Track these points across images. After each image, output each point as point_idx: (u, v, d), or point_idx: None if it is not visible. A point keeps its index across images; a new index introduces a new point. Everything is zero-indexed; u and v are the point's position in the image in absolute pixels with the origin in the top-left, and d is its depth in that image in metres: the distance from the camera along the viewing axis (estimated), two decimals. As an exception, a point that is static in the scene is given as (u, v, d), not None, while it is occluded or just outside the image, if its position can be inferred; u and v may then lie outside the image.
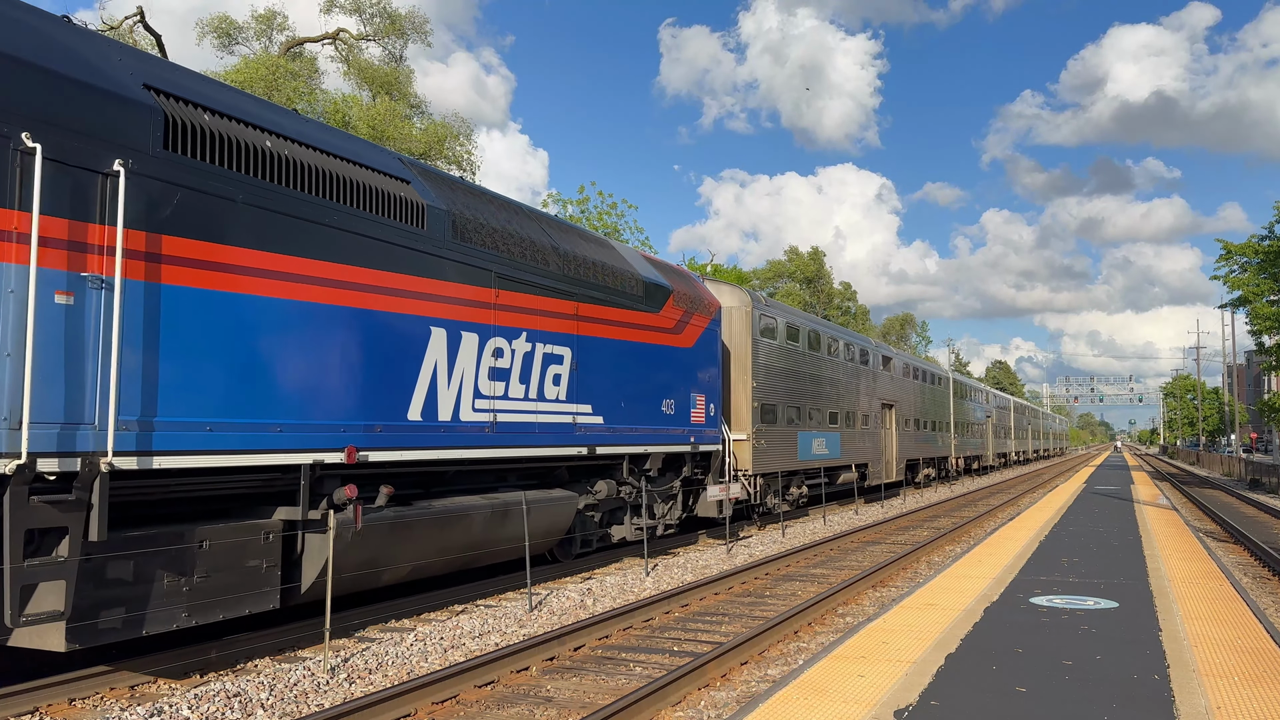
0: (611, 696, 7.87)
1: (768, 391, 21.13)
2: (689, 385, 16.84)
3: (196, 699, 7.53)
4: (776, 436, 21.42)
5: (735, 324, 20.35)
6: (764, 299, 22.34)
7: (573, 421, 13.32)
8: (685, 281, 17.67)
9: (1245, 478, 47.70)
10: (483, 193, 12.95)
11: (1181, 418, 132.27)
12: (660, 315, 15.91)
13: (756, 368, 20.50)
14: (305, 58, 37.93)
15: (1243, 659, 7.61)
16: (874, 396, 30.45)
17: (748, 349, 20.41)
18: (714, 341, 18.15)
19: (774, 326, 21.93)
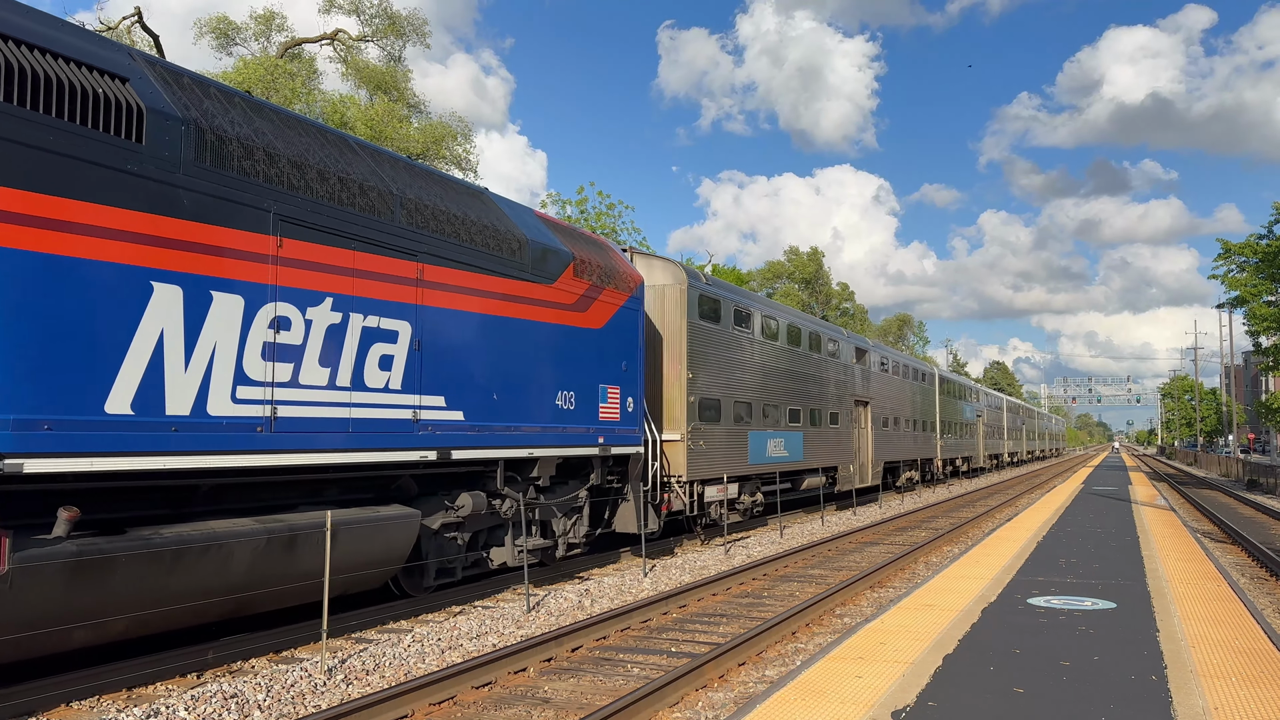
0: (609, 698, 7.86)
1: (708, 384, 18.47)
2: (596, 375, 14.10)
3: (193, 700, 7.51)
4: (719, 437, 18.83)
5: (668, 305, 17.61)
6: (705, 276, 19.19)
7: (413, 418, 10.44)
8: (593, 250, 14.76)
9: (1243, 478, 47.75)
10: (274, 111, 9.88)
11: (1179, 418, 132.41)
12: (554, 288, 13.17)
13: (694, 356, 17.82)
14: (304, 58, 37.91)
15: (1240, 659, 7.61)
16: (846, 393, 27.78)
17: (682, 334, 17.58)
18: (634, 324, 15.32)
19: (718, 309, 19.20)
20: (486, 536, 12.89)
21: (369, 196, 10.19)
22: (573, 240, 14.42)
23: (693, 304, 17.92)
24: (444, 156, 36.37)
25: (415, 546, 11.25)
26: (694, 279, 18.26)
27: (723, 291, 19.77)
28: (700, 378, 18.04)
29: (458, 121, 38.73)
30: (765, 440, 21.20)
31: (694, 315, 17.92)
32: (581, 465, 14.43)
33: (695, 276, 18.50)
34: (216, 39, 36.38)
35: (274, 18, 36.91)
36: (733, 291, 20.74)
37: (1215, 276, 41.08)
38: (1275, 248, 37.53)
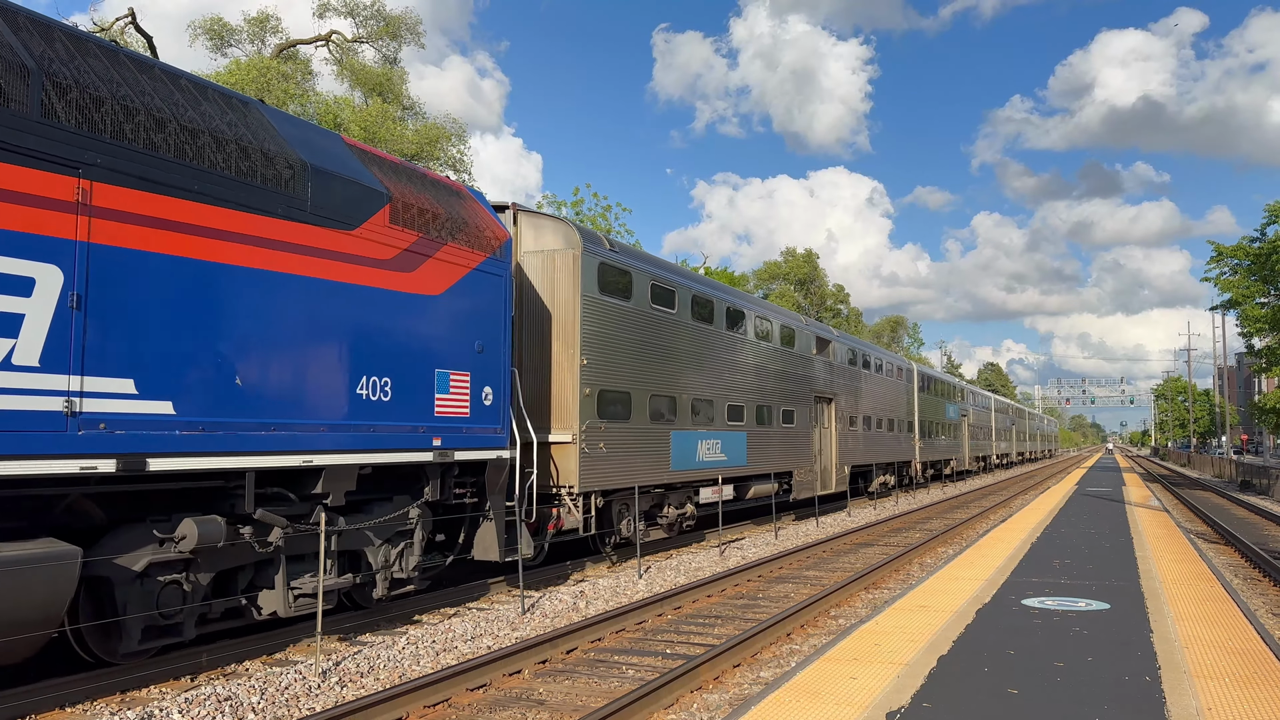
0: (604, 699, 7.86)
1: (612, 374, 15.26)
2: (432, 357, 10.93)
3: (187, 703, 7.50)
4: (629, 437, 15.64)
5: (559, 275, 14.53)
6: (609, 241, 16.04)
7: (66, 409, 7.17)
8: (430, 193, 11.40)
9: (1236, 479, 47.88)
10: None
11: (1173, 419, 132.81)
12: (357, 236, 9.88)
13: (591, 339, 14.63)
14: (299, 60, 37.86)
15: (1234, 660, 7.63)
16: (804, 387, 24.41)
17: (575, 311, 14.37)
18: (497, 293, 12.12)
19: (628, 283, 15.97)
20: (254, 575, 9.48)
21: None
22: (395, 177, 10.91)
23: (589, 274, 14.67)
24: (439, 158, 36.35)
25: (96, 597, 8.10)
26: (592, 243, 15.05)
27: (635, 262, 16.46)
28: (600, 365, 14.82)
29: (452, 123, 38.72)
30: (695, 441, 17.99)
31: (591, 288, 14.68)
32: (413, 476, 11.10)
33: (594, 241, 15.32)
34: (211, 41, 36.32)
35: (268, 20, 36.86)
36: (650, 263, 17.42)
37: (1208, 279, 41.21)
38: (1267, 250, 37.65)
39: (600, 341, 14.97)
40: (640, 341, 16.31)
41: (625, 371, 15.74)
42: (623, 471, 15.46)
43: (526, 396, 13.70)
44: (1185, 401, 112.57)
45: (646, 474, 16.28)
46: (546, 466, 14.16)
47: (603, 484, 14.91)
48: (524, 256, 14.63)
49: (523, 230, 14.74)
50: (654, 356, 16.76)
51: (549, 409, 14.37)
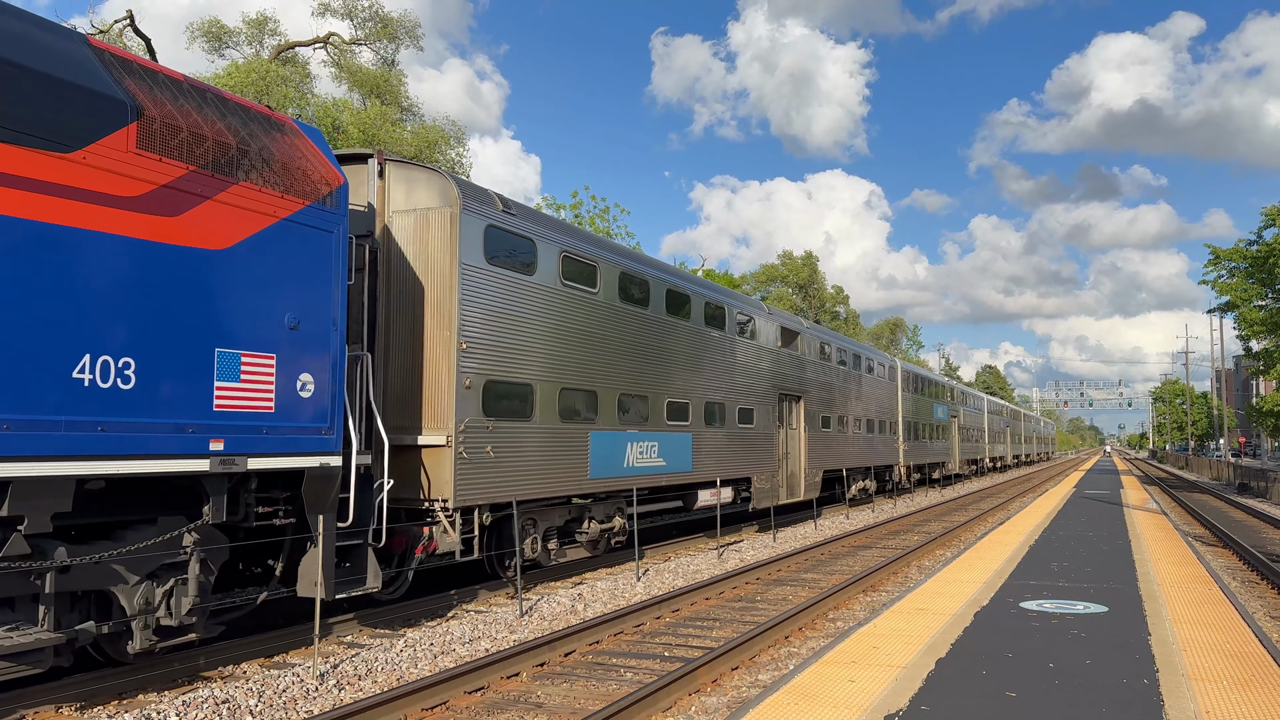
0: (602, 702, 7.85)
1: (505, 362, 12.68)
2: (210, 332, 8.40)
3: (184, 706, 7.49)
4: (529, 440, 13.08)
5: (431, 238, 12.04)
6: (506, 201, 13.36)
7: None
8: (214, 113, 8.79)
9: (1234, 482, 47.91)
10: None
11: (1170, 422, 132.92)
12: (81, 162, 7.44)
13: (474, 318, 12.10)
14: (297, 62, 37.87)
15: (1231, 663, 7.64)
16: (766, 384, 21.88)
17: (452, 284, 11.84)
18: (321, 253, 9.51)
19: (530, 253, 13.39)
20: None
21: None
22: (152, 88, 8.35)
23: (472, 238, 12.16)
24: (437, 160, 36.35)
25: None
26: (476, 201, 12.46)
27: (541, 228, 13.95)
28: (488, 352, 12.37)
29: (451, 125, 38.74)
30: (623, 444, 15.37)
31: (475, 256, 12.18)
32: (189, 491, 8.57)
33: (480, 198, 12.66)
34: (209, 42, 36.31)
35: (266, 21, 36.87)
36: (562, 231, 14.81)
37: (1205, 282, 41.31)
38: (1265, 253, 37.74)
39: (488, 323, 12.38)
40: (548, 325, 13.65)
41: (525, 360, 13.10)
42: (519, 480, 12.86)
43: (395, 389, 11.82)
44: (1183, 404, 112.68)
45: (555, 483, 13.68)
46: (417, 476, 11.68)
47: (490, 496, 12.25)
48: (393, 217, 12.13)
49: (392, 185, 12.26)
50: (567, 344, 14.07)
51: (420, 405, 11.85)
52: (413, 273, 12.11)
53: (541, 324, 13.56)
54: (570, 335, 14.19)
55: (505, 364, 12.73)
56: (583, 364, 14.49)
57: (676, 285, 18.00)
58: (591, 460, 14.53)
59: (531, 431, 13.21)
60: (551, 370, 13.71)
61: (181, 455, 8.06)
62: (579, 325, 14.46)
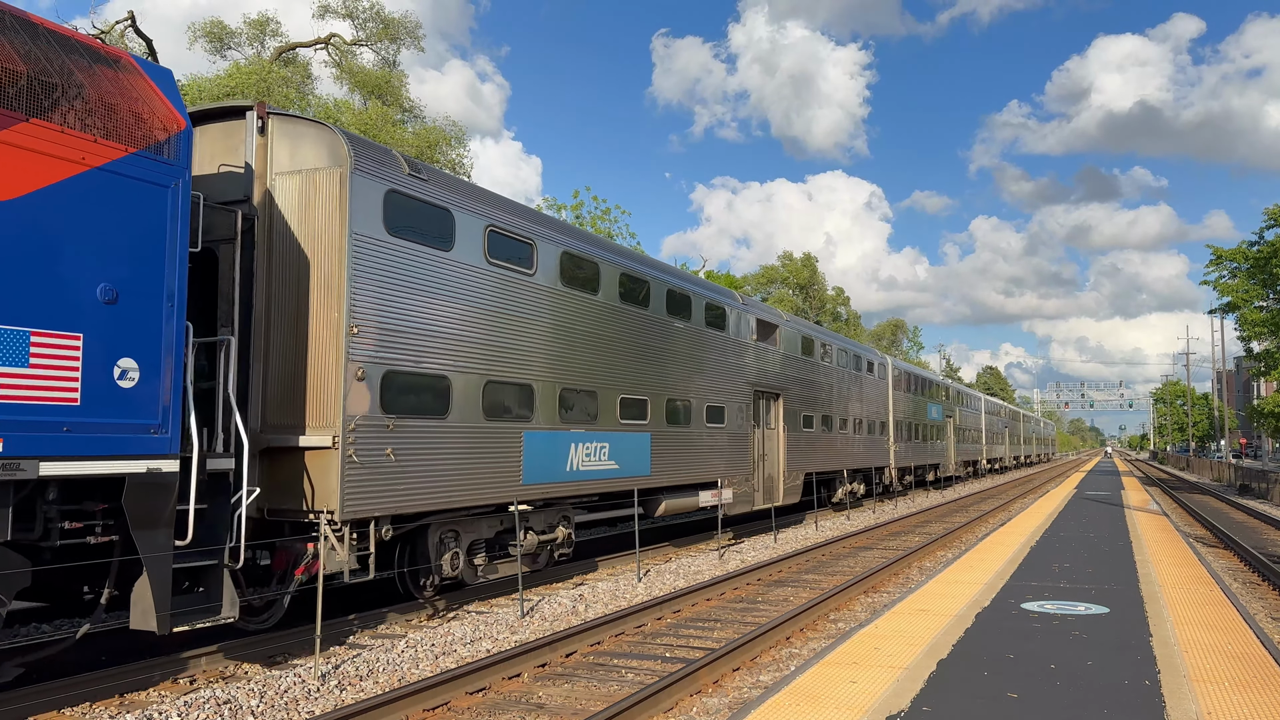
0: (603, 703, 7.86)
1: (412, 349, 11.00)
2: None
3: (186, 706, 7.49)
4: (442, 441, 11.36)
5: (318, 204, 10.35)
6: (415, 164, 11.65)
7: None
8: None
9: (1235, 483, 47.89)
10: None
11: (1171, 423, 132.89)
12: None
13: (370, 298, 10.39)
14: (298, 63, 37.90)
15: (1233, 664, 7.64)
16: (739, 380, 20.28)
17: (339, 257, 10.12)
18: (150, 211, 7.88)
19: (446, 225, 11.71)
20: None
21: None
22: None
23: (367, 204, 10.47)
24: (438, 161, 36.37)
25: None
26: (373, 161, 10.71)
27: (458, 197, 12.11)
28: (388, 337, 10.62)
29: (452, 126, 38.77)
30: (565, 445, 13.82)
31: (372, 225, 10.49)
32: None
33: (379, 159, 10.91)
34: (210, 43, 36.34)
35: (268, 22, 36.91)
36: (487, 201, 12.86)
37: (1206, 282, 41.33)
38: (1266, 253, 37.74)
39: (390, 304, 10.69)
40: (468, 309, 11.96)
41: (439, 349, 11.42)
42: (432, 488, 11.15)
43: (278, 381, 10.15)
44: (1184, 405, 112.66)
45: (479, 490, 11.99)
46: (300, 483, 9.96)
47: (391, 506, 10.53)
48: (277, 180, 10.51)
49: (276, 142, 10.60)
50: (493, 331, 12.40)
51: (303, 400, 10.12)
52: (298, 244, 10.35)
53: (459, 308, 11.83)
54: (498, 322, 12.55)
55: (412, 353, 10.98)
56: (514, 355, 12.83)
57: (634, 270, 16.36)
58: (526, 463, 12.88)
59: (448, 431, 11.48)
60: (473, 362, 11.98)
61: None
62: (510, 311, 12.80)
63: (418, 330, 11.13)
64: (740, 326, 20.77)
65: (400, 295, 10.89)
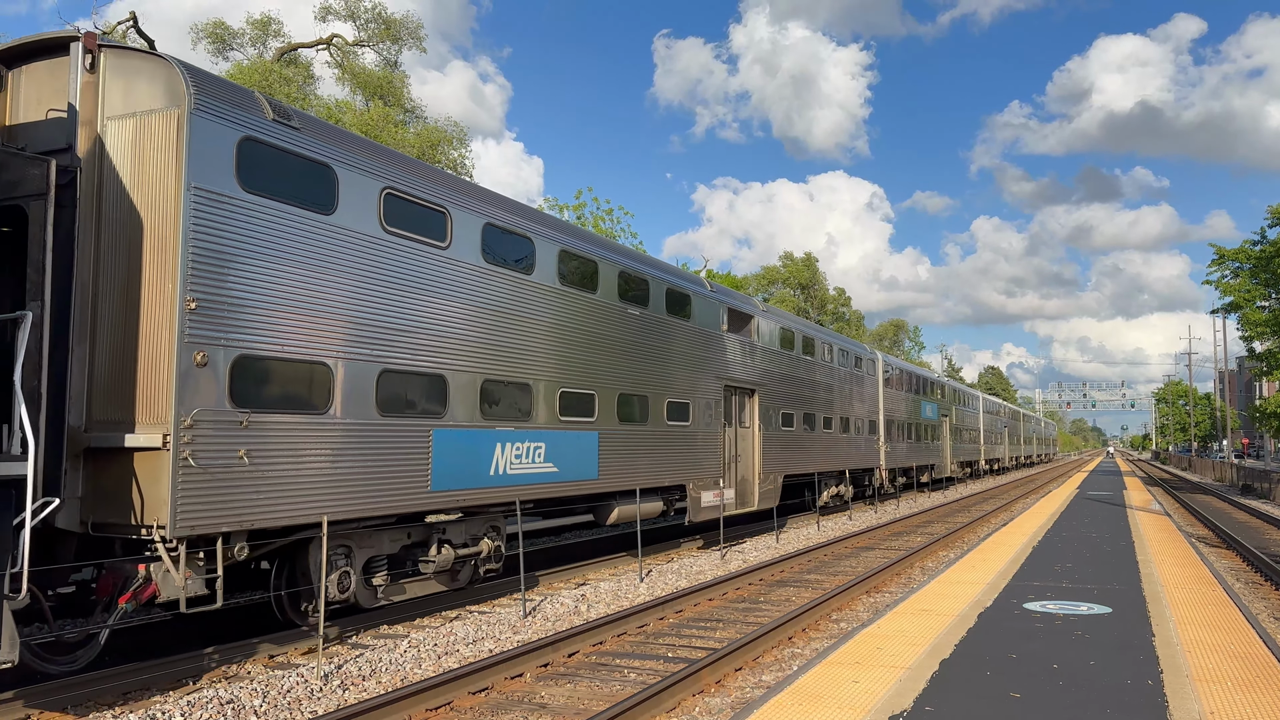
0: (606, 703, 7.86)
1: (275, 329, 9.23)
2: None
3: (189, 706, 7.50)
4: (326, 440, 9.66)
5: (149, 150, 8.66)
6: (275, 106, 9.76)
7: None
8: None
9: (1237, 483, 47.85)
10: None
11: (1173, 423, 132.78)
12: None
13: (216, 265, 8.68)
14: (300, 64, 37.94)
15: (1236, 664, 7.63)
16: (706, 374, 18.52)
17: (174, 215, 8.44)
18: None
19: (327, 185, 10.03)
20: None
21: None
22: None
23: (213, 154, 8.77)
24: (439, 161, 36.40)
25: None
26: (220, 102, 8.97)
27: (343, 150, 10.37)
28: (240, 313, 8.85)
29: (453, 126, 38.79)
30: (489, 445, 11.98)
31: (222, 179, 8.82)
32: None
33: (230, 98, 9.17)
34: (213, 44, 36.40)
35: (270, 23, 36.96)
36: (384, 159, 11.10)
37: (1209, 282, 41.27)
38: (1269, 253, 37.70)
39: (244, 274, 8.89)
40: (358, 284, 10.18)
41: (316, 330, 9.61)
42: (301, 496, 9.28)
43: (106, 367, 8.42)
44: (1186, 405, 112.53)
45: (370, 498, 10.13)
46: (127, 491, 8.19)
47: (245, 519, 8.70)
48: (110, 125, 8.77)
49: (108, 80, 8.86)
50: (393, 313, 10.62)
51: (134, 389, 8.35)
52: (130, 201, 8.61)
53: (344, 283, 10.00)
54: (398, 301, 10.70)
55: (277, 334, 9.17)
56: (421, 340, 11.01)
57: (579, 249, 14.26)
58: (436, 466, 11.02)
59: (327, 429, 9.65)
60: (364, 346, 10.18)
61: None
62: (413, 289, 10.94)
63: (286, 307, 9.29)
64: (709, 316, 18.96)
65: (261, 264, 9.07)
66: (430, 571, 11.54)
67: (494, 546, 12.72)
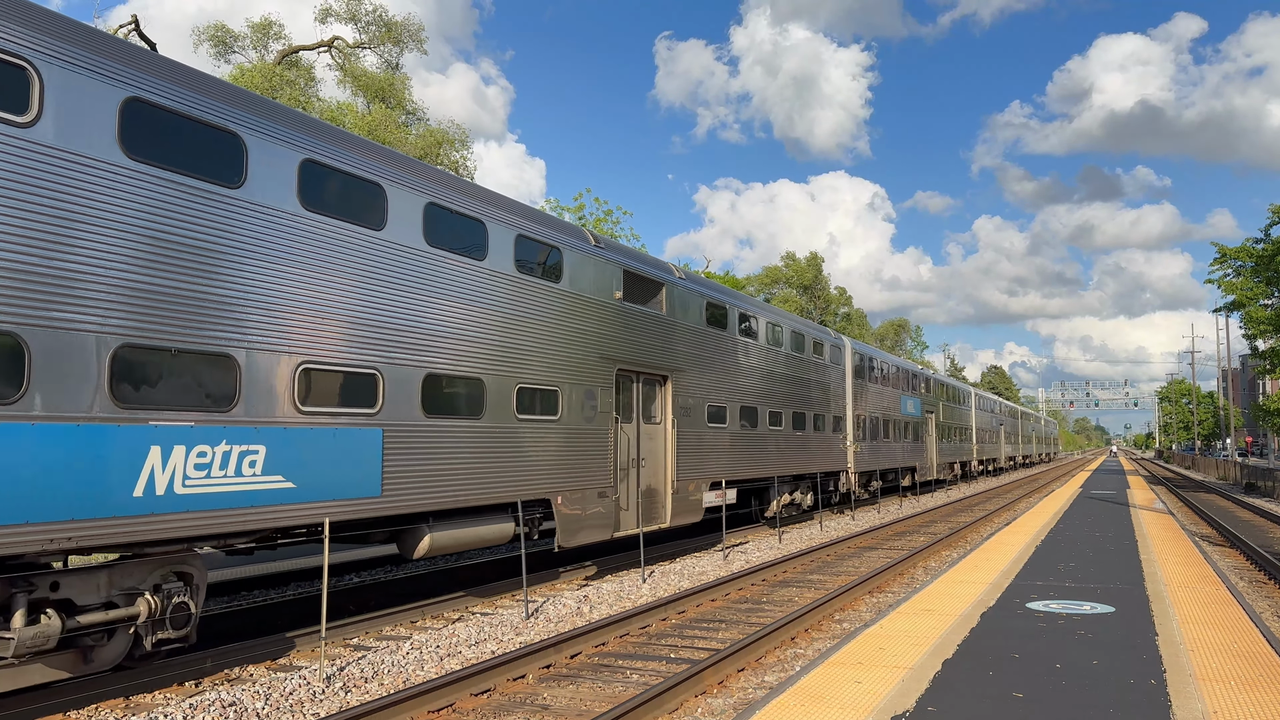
0: (608, 704, 7.85)
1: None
2: None
3: (191, 708, 7.50)
4: None
5: None
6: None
7: None
8: None
9: (1240, 481, 47.79)
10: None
11: (1177, 422, 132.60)
12: None
13: None
14: (302, 66, 37.97)
15: (1239, 663, 7.61)
16: (587, 353, 14.44)
17: None
18: None
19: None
20: None
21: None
22: None
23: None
24: (441, 162, 36.42)
25: None
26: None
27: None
28: None
29: (455, 128, 38.81)
30: (131, 449, 7.74)
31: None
32: None
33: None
34: (214, 47, 36.44)
35: (271, 26, 36.99)
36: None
37: (1211, 281, 41.25)
38: (1271, 251, 37.64)
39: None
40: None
41: None
42: None
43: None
44: (1189, 404, 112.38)
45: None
46: None
47: None
48: None
49: None
50: None
51: None
52: None
53: None
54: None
55: None
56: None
57: (334, 162, 10.14)
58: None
59: None
60: None
61: None
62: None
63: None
64: (596, 279, 14.88)
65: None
66: (8, 653, 7.10)
67: (157, 605, 8.25)
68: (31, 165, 7.32)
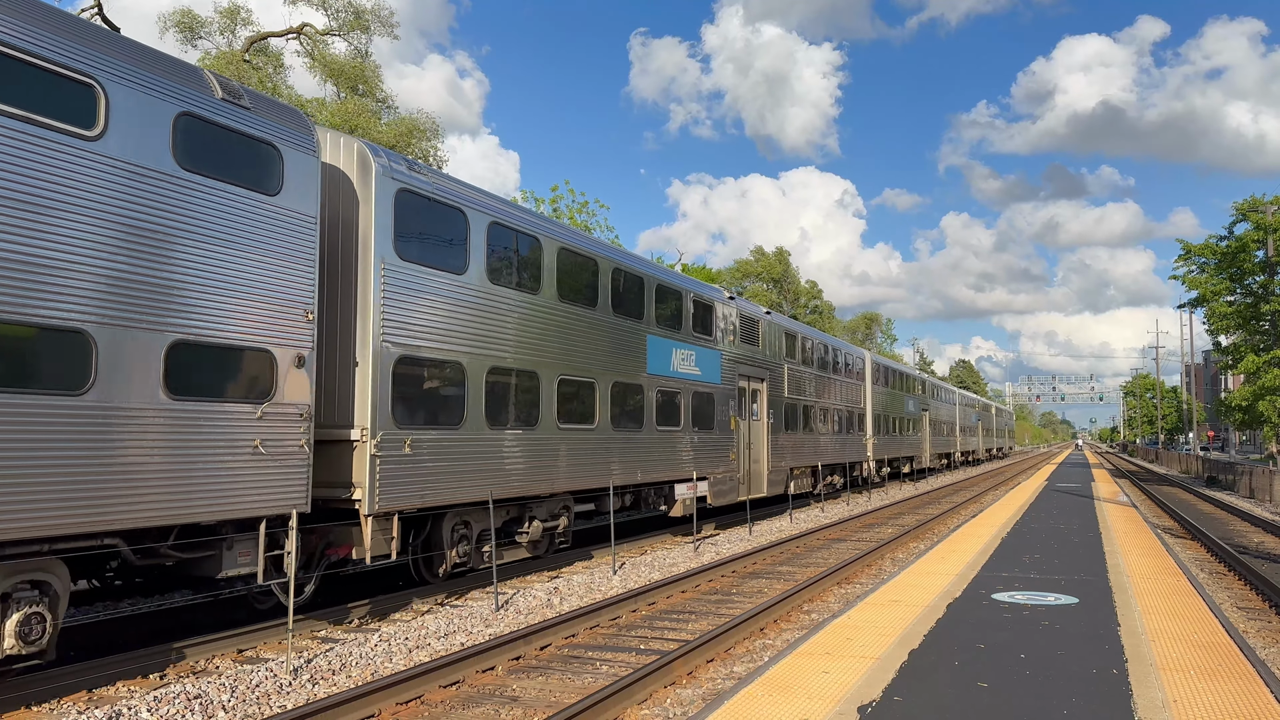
0: (577, 695, 7.85)
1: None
2: None
3: (156, 701, 7.42)
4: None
5: None
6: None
7: None
8: None
9: (1203, 475, 48.56)
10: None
11: (1141, 416, 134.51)
12: None
13: None
14: (270, 53, 37.49)
15: (1199, 653, 7.74)
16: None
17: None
18: None
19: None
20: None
21: None
22: None
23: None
24: (412, 152, 36.13)
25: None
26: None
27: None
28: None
29: (426, 119, 38.47)
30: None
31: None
32: None
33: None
34: (181, 33, 35.87)
35: (238, 11, 36.46)
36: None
37: (1175, 277, 41.84)
38: (1234, 248, 38.25)
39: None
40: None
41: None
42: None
43: None
44: (1153, 398, 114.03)
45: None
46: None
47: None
48: None
49: None
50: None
51: None
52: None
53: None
54: None
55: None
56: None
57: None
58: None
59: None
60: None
61: None
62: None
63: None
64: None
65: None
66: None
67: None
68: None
